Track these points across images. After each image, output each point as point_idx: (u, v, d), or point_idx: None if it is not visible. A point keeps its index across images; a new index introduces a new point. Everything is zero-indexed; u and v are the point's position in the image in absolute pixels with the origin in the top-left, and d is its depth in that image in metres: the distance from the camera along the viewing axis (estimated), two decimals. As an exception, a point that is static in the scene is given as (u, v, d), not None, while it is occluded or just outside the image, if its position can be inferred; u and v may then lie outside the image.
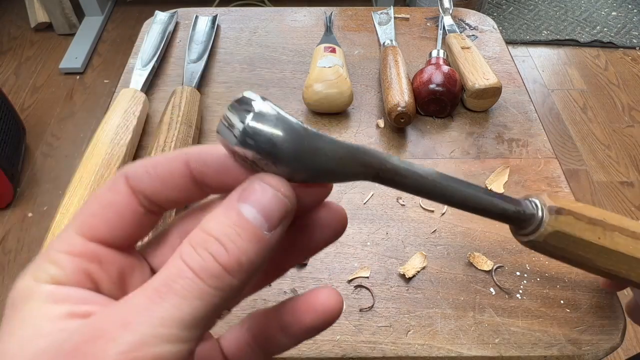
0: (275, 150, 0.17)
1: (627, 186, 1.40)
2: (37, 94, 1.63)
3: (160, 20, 0.65)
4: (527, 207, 0.27)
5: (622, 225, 0.30)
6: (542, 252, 0.30)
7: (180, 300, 0.15)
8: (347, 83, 0.53)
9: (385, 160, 0.20)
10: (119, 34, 1.90)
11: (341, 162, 0.18)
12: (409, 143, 0.53)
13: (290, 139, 0.17)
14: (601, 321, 0.38)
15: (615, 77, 1.74)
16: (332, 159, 0.18)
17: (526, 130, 0.54)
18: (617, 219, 0.30)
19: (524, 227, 0.28)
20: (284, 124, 0.17)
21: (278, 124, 0.17)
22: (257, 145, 0.16)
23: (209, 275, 0.15)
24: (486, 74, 0.54)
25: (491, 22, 0.70)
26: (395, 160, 0.20)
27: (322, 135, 0.18)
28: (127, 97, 0.51)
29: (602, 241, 0.29)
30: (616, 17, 1.98)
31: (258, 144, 0.16)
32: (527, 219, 0.27)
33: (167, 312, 0.15)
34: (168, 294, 0.15)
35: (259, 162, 0.17)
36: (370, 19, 0.70)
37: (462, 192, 0.23)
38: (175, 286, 0.15)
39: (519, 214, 0.26)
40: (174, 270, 0.15)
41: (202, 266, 0.15)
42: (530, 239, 0.28)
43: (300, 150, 0.17)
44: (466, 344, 0.37)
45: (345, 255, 0.42)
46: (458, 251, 0.43)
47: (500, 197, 0.25)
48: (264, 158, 0.17)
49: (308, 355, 0.36)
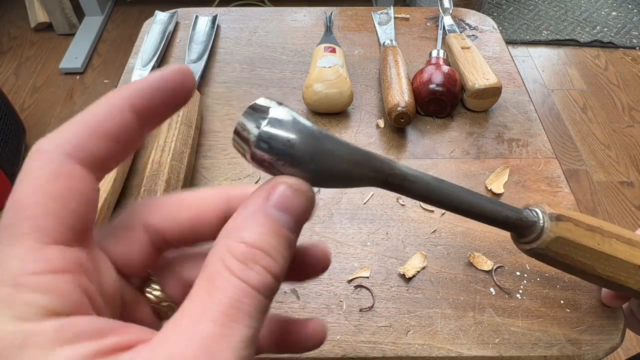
0: (291, 152, 0.17)
1: (627, 186, 1.40)
2: (37, 94, 1.63)
3: (160, 20, 0.65)
4: (528, 215, 0.28)
5: (618, 233, 0.31)
6: (544, 260, 0.30)
7: (250, 319, 0.15)
8: (347, 83, 0.53)
9: (394, 166, 0.20)
10: (119, 34, 1.90)
11: (355, 165, 0.19)
12: (409, 143, 0.53)
13: (306, 141, 0.17)
14: (601, 321, 0.38)
15: (615, 77, 1.74)
16: (346, 162, 0.18)
17: (526, 130, 0.54)
18: (612, 226, 0.31)
19: (526, 235, 0.29)
20: (299, 127, 0.17)
21: (294, 128, 0.17)
22: (274, 148, 0.17)
23: (267, 289, 0.16)
24: (486, 74, 0.54)
25: (491, 22, 0.70)
26: (403, 166, 0.21)
27: (337, 139, 0.19)
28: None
29: (602, 247, 0.29)
30: (616, 17, 1.98)
31: (274, 148, 0.17)
32: (529, 226, 0.28)
33: (244, 333, 0.15)
34: (239, 315, 0.15)
35: (276, 164, 0.17)
36: (370, 19, 0.70)
37: (468, 199, 0.24)
38: (244, 307, 0.15)
39: (521, 221, 0.27)
40: (236, 291, 0.15)
41: (260, 282, 0.15)
42: (532, 246, 0.29)
43: (316, 152, 0.18)
44: (466, 344, 0.37)
45: (345, 255, 0.42)
46: (458, 251, 0.43)
47: (503, 206, 0.26)
48: (281, 160, 0.17)
49: (308, 355, 0.36)
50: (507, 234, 0.43)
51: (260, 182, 0.48)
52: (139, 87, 0.17)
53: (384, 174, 0.20)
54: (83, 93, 1.65)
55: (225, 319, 0.15)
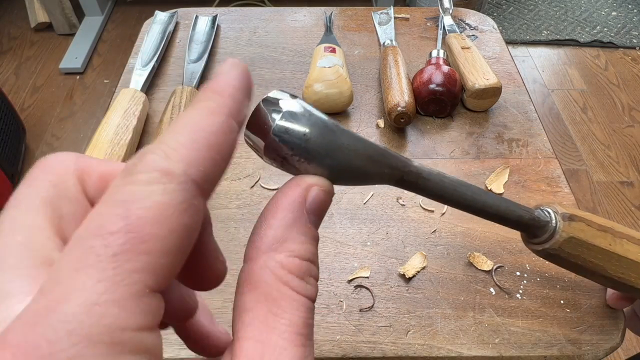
0: (307, 146, 0.17)
1: (627, 186, 1.40)
2: (37, 94, 1.63)
3: (160, 20, 0.64)
4: (541, 215, 0.28)
5: (629, 233, 0.30)
6: (555, 261, 0.30)
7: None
8: (347, 83, 0.53)
9: (409, 163, 0.20)
10: (119, 34, 1.90)
11: (371, 161, 0.18)
12: (409, 143, 0.53)
13: (322, 135, 0.17)
14: (601, 321, 0.38)
15: (615, 77, 1.74)
16: (362, 157, 0.18)
17: (526, 130, 0.54)
18: (623, 227, 0.31)
19: (538, 235, 0.28)
20: (315, 120, 0.17)
21: (309, 121, 0.17)
22: (289, 142, 0.16)
23: (316, 296, 0.16)
24: (486, 74, 0.54)
25: (491, 22, 0.70)
26: (417, 163, 0.20)
27: (353, 133, 0.18)
28: (127, 97, 0.51)
29: (613, 247, 0.29)
30: (616, 17, 1.98)
31: (289, 142, 0.16)
32: (542, 226, 0.28)
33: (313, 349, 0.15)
34: (310, 331, 0.15)
35: (291, 160, 0.17)
36: (370, 19, 0.70)
37: (481, 198, 0.23)
38: (311, 322, 0.15)
39: (534, 221, 0.27)
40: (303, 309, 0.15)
41: (314, 292, 0.16)
42: (545, 247, 0.28)
43: (332, 146, 0.17)
44: (466, 344, 0.37)
45: (345, 255, 0.42)
46: (458, 251, 0.43)
47: (516, 205, 0.25)
48: (296, 155, 0.17)
49: (308, 355, 0.36)
50: (507, 234, 0.44)
51: (260, 182, 0.48)
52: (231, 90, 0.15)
53: (399, 171, 0.20)
54: (83, 93, 1.64)
55: (303, 340, 0.14)
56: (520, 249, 0.43)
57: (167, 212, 0.12)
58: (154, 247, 0.12)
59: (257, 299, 0.15)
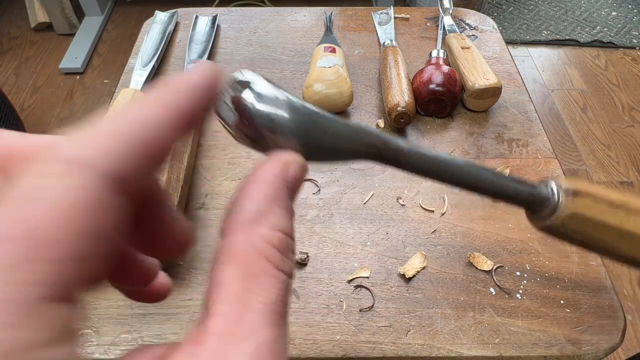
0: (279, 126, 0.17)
1: (627, 186, 1.40)
2: (37, 94, 1.63)
3: (160, 20, 0.65)
4: (541, 190, 0.26)
5: None
6: (559, 237, 0.28)
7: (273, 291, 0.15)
8: (347, 83, 0.53)
9: (389, 141, 0.20)
10: (119, 34, 1.90)
11: (344, 139, 0.19)
12: (409, 143, 0.53)
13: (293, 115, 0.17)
14: (601, 321, 0.38)
15: (615, 77, 1.74)
16: (334, 135, 0.18)
17: (526, 130, 0.54)
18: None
19: (539, 211, 0.26)
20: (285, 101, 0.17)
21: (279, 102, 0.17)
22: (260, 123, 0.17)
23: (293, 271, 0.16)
24: (486, 74, 0.54)
25: (491, 22, 0.70)
26: (400, 141, 0.20)
27: (324, 113, 0.18)
28: (127, 97, 0.51)
29: (626, 224, 0.27)
30: (616, 17, 1.98)
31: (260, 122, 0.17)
32: (542, 201, 0.26)
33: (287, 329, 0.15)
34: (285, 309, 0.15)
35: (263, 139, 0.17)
36: (370, 19, 0.70)
37: (473, 173, 0.22)
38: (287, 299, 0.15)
39: (533, 196, 0.25)
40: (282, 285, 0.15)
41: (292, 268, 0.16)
42: (546, 223, 0.26)
43: (302, 125, 0.17)
44: (466, 344, 0.37)
45: (345, 255, 0.42)
46: (458, 251, 0.43)
47: (513, 179, 0.24)
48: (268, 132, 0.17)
49: (308, 355, 0.36)
50: (507, 234, 0.44)
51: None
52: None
53: (376, 148, 0.20)
54: (83, 93, 1.64)
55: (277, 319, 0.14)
56: (520, 249, 0.43)
57: (73, 212, 0.11)
58: (55, 255, 0.10)
59: (236, 274, 0.14)
